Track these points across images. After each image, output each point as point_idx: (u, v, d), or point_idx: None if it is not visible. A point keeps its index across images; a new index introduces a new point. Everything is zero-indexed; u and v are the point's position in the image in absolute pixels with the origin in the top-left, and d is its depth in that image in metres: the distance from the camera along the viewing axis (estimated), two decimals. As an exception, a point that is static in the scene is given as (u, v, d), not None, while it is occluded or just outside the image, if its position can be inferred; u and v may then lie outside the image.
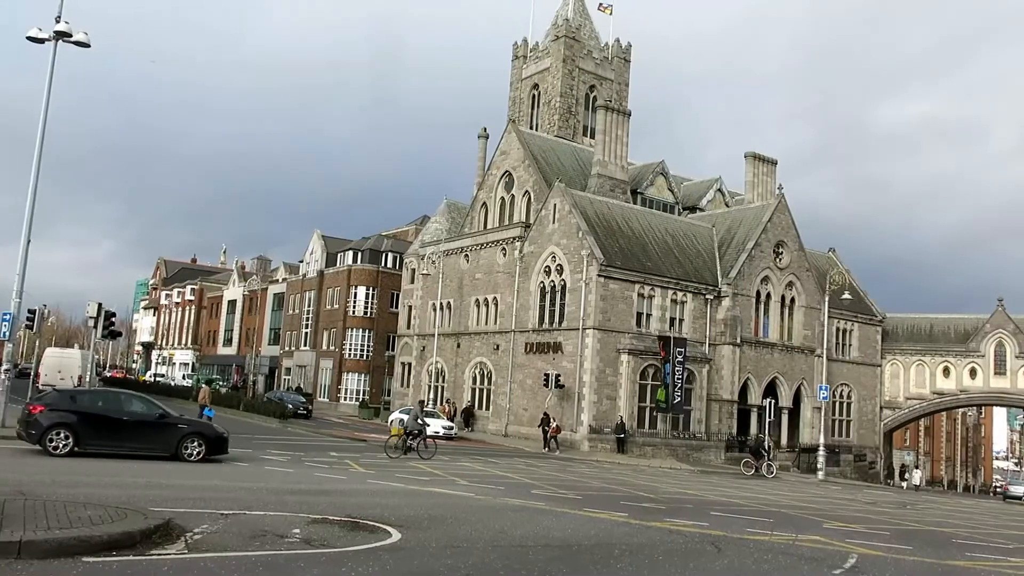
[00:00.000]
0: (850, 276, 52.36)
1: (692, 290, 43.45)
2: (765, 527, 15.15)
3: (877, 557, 12.45)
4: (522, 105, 67.60)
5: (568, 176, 48.23)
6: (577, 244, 41.34)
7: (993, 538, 16.78)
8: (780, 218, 47.11)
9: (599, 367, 39.95)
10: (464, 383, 47.85)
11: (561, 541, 11.94)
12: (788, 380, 46.49)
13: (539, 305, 43.60)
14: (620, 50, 68.46)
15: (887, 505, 24.79)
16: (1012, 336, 51.72)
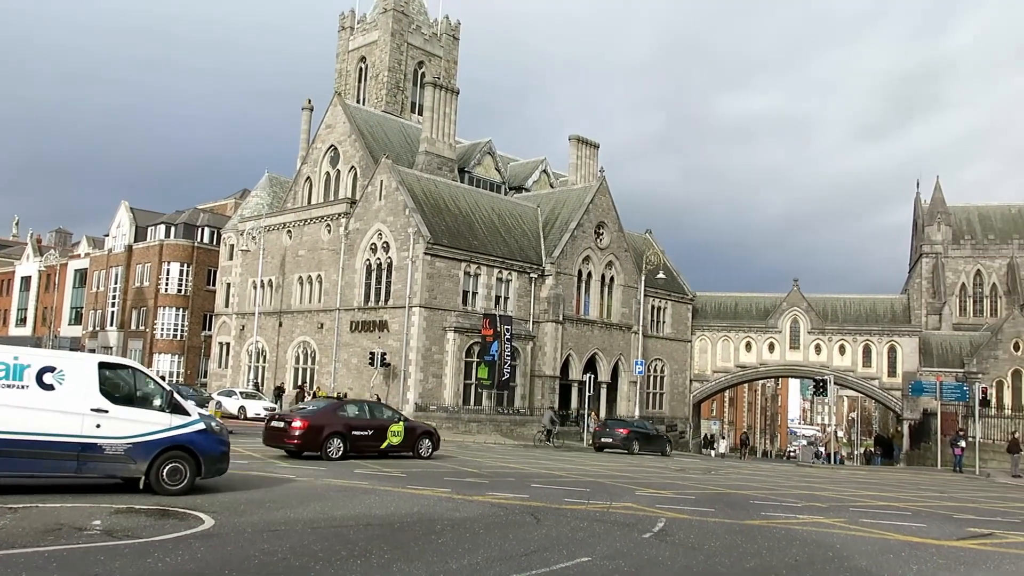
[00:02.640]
0: (664, 257, 55.15)
1: (517, 269, 44.26)
2: (582, 497, 15.74)
3: (683, 520, 13.23)
4: (349, 78, 66.06)
5: (396, 152, 47.66)
6: (404, 222, 41.01)
7: (785, 498, 18.27)
8: (601, 200, 48.80)
9: (425, 345, 39.96)
10: (287, 363, 46.49)
11: (383, 519, 11.87)
12: (607, 356, 48.44)
13: (365, 283, 42.97)
14: (449, 27, 68.26)
15: (694, 472, 26.43)
16: (805, 313, 56.38)
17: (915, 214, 70.17)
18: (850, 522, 14.05)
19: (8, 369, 12.16)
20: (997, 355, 51.04)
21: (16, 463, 12.06)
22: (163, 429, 13.14)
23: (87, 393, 12.61)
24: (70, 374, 12.62)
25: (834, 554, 10.69)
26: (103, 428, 12.60)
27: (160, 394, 13.48)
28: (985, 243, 64.17)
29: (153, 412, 13.20)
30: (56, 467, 12.40)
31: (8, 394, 12.00)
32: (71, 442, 12.34)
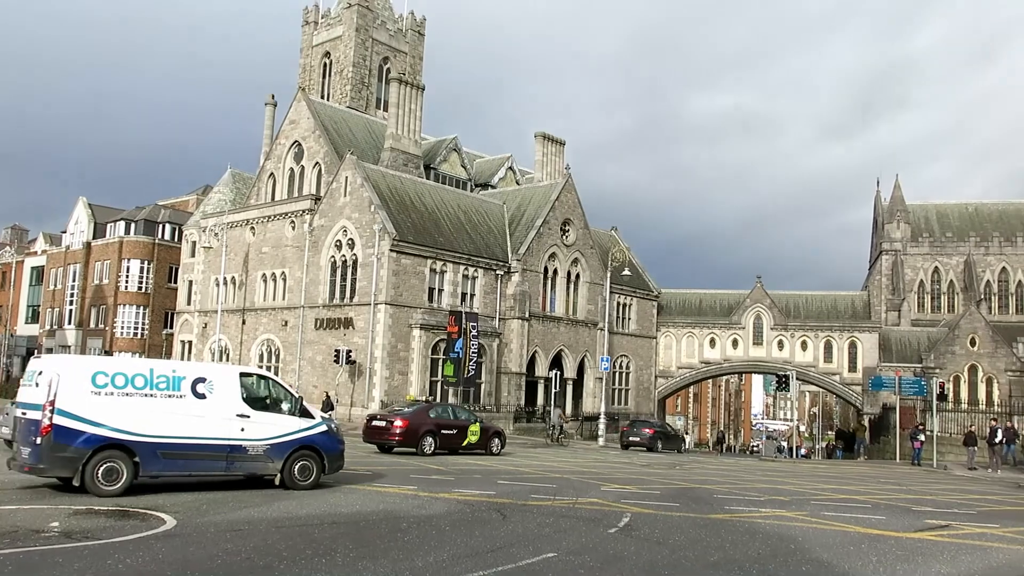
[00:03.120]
0: (630, 254, 55.48)
1: (483, 265, 44.23)
2: (548, 493, 15.78)
3: (648, 515, 13.32)
4: (313, 73, 65.48)
5: (361, 148, 47.36)
6: (369, 218, 40.78)
7: (748, 492, 18.48)
8: (567, 197, 48.94)
9: (391, 342, 39.79)
10: (251, 361, 45.97)
11: (348, 517, 11.80)
12: (573, 352, 48.63)
13: (330, 280, 42.66)
14: (415, 23, 67.95)
15: (659, 467, 26.63)
16: (768, 310, 57.07)
17: (875, 212, 71.35)
18: (812, 515, 14.25)
19: (168, 381, 13.71)
20: (954, 351, 52.08)
21: (179, 464, 13.71)
22: (294, 431, 14.82)
23: (232, 400, 14.25)
24: (217, 384, 14.26)
25: (796, 547, 10.83)
26: (246, 431, 14.24)
27: (290, 400, 15.26)
28: (943, 241, 65.42)
29: (285, 416, 14.90)
30: (210, 467, 14.07)
31: (169, 404, 13.59)
32: (221, 444, 13.99)
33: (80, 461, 12.68)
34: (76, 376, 13.11)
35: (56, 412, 12.64)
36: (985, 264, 64.01)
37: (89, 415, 12.88)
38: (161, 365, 14.20)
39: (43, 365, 13.60)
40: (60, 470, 12.86)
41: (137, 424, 13.21)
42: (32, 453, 12.81)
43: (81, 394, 12.93)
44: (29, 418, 13.11)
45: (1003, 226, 65.41)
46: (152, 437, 13.29)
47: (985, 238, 64.68)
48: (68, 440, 12.67)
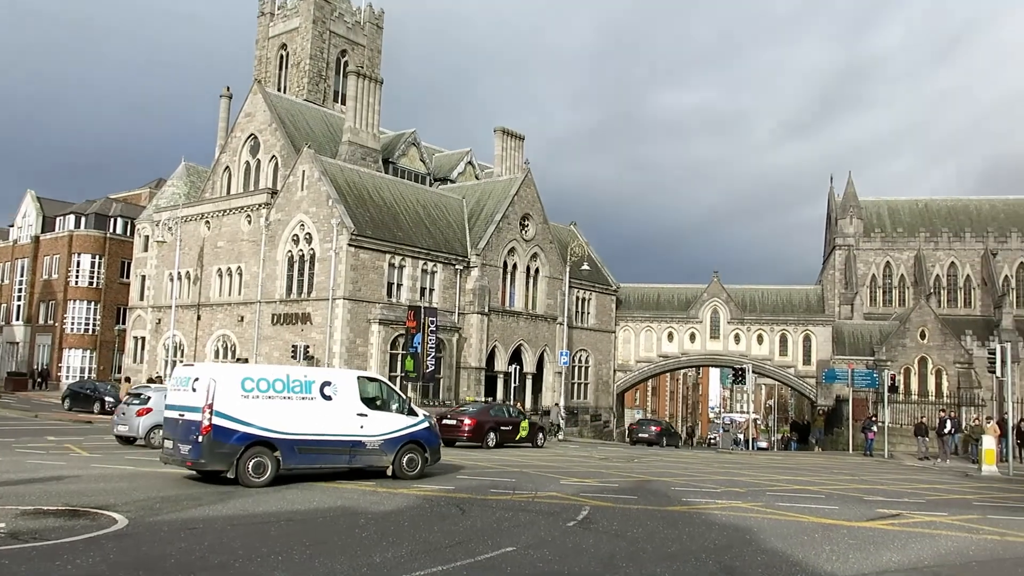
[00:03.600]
0: (589, 249, 55.72)
1: (443, 260, 44.08)
2: (507, 487, 15.79)
3: (607, 508, 13.40)
4: (269, 65, 64.58)
5: (318, 142, 46.83)
6: (327, 212, 40.38)
7: (705, 484, 18.68)
8: (527, 191, 48.95)
9: (350, 338, 39.48)
10: (206, 357, 45.28)
11: (305, 514, 11.69)
12: (532, 347, 48.71)
13: (287, 275, 42.16)
14: (373, 16, 67.37)
15: (617, 460, 26.80)
16: (725, 304, 57.73)
17: (829, 208, 72.57)
18: (767, 506, 14.46)
19: (301, 385, 15.66)
20: (905, 343, 53.23)
21: (312, 457, 15.65)
22: (403, 427, 16.94)
23: (353, 401, 16.28)
24: (340, 386, 16.26)
25: (751, 537, 10.98)
26: (365, 428, 16.27)
27: (399, 399, 17.45)
28: (894, 236, 66.77)
29: (395, 415, 16.99)
30: (336, 460, 16.07)
31: (303, 405, 15.52)
32: (345, 440, 16.04)
33: (235, 456, 14.58)
34: (229, 381, 15.05)
35: (214, 414, 14.53)
36: (935, 259, 65.51)
37: (241, 416, 14.82)
38: (295, 371, 16.34)
39: (198, 372, 15.46)
40: (218, 464, 14.66)
41: (278, 423, 15.15)
42: (193, 450, 14.59)
43: (234, 397, 14.85)
44: (188, 419, 14.86)
45: (952, 222, 66.98)
46: (290, 434, 15.25)
47: (935, 234, 66.16)
48: (224, 438, 14.58)
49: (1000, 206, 67.90)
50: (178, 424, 15.21)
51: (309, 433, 15.50)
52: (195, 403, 14.81)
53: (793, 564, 9.34)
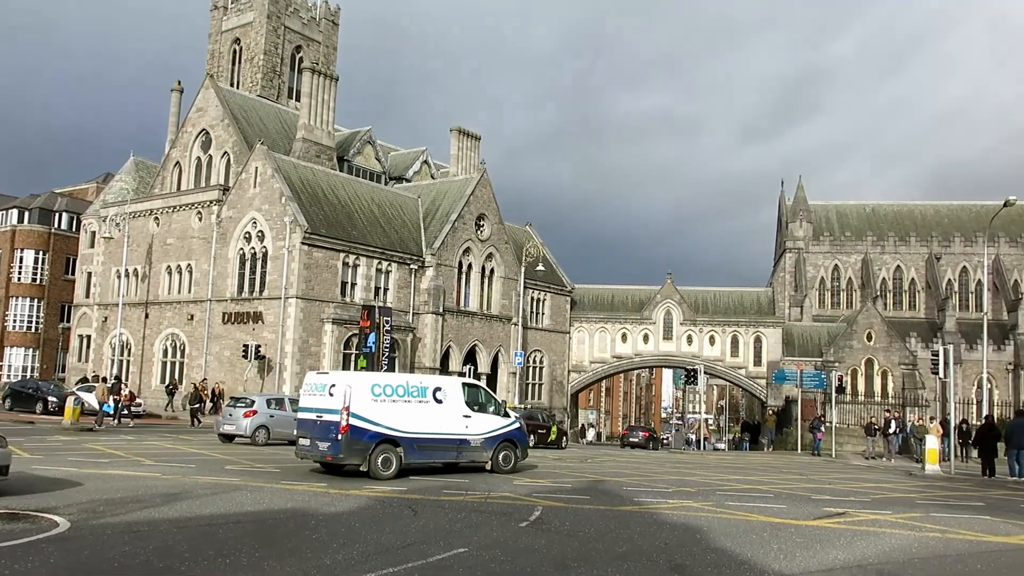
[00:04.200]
0: (544, 249, 55.86)
1: (397, 260, 43.84)
2: (460, 488, 15.75)
3: (559, 508, 13.43)
4: (222, 60, 63.59)
5: (272, 139, 46.24)
6: (280, 210, 39.88)
7: (657, 484, 18.84)
8: (482, 192, 48.92)
9: (302, 337, 39.05)
10: (154, 356, 44.44)
11: (255, 516, 11.51)
12: (487, 347, 48.68)
13: (238, 273, 41.55)
14: (329, 12, 66.74)
15: (571, 460, 26.91)
16: (678, 305, 58.34)
17: (780, 212, 73.79)
18: (717, 505, 14.62)
19: (418, 390, 18.14)
20: (852, 345, 54.34)
21: (428, 453, 18.08)
22: (500, 427, 19.31)
23: (459, 404, 18.69)
24: (448, 391, 18.73)
25: (701, 536, 11.09)
26: (469, 428, 18.64)
27: (495, 403, 20.03)
28: (842, 239, 68.14)
29: (493, 416, 19.34)
30: (446, 455, 18.54)
31: (420, 407, 17.88)
32: (454, 438, 18.41)
33: (368, 452, 16.93)
34: (362, 387, 17.42)
35: (352, 415, 16.84)
36: (881, 262, 67.01)
37: (371, 417, 17.11)
38: (413, 378, 19.39)
39: (334, 379, 17.93)
40: (354, 459, 16.96)
41: (402, 423, 17.47)
42: (332, 446, 16.91)
43: (366, 401, 17.14)
44: (326, 420, 17.09)
45: (898, 226, 68.58)
46: (411, 433, 17.57)
47: (881, 237, 67.67)
48: (359, 436, 16.90)
49: (944, 211, 69.73)
50: (316, 424, 17.33)
51: (425, 432, 17.83)
52: (332, 406, 17.04)
53: (742, 562, 9.45)
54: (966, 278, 65.74)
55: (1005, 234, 64.82)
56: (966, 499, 18.10)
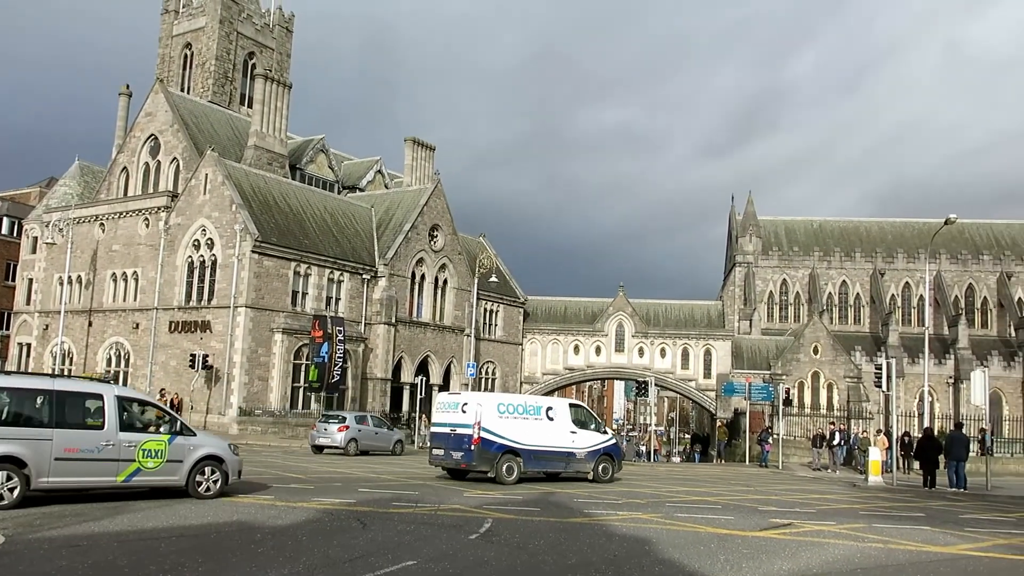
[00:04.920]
0: (498, 260, 55.94)
1: (350, 269, 43.50)
2: (410, 500, 15.63)
3: (509, 520, 13.40)
4: (173, 64, 62.58)
5: (223, 145, 45.64)
6: (230, 218, 39.33)
7: (607, 495, 18.91)
8: (436, 202, 48.84)
9: (251, 347, 38.48)
10: (97, 365, 43.37)
11: (199, 530, 11.27)
12: (439, 358, 48.51)
13: (186, 281, 40.84)
14: (283, 18, 66.16)
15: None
16: (630, 317, 58.79)
17: (730, 227, 74.90)
18: (666, 517, 14.73)
19: (535, 409, 21.71)
20: (799, 358, 55.30)
21: (542, 463, 21.43)
22: (600, 443, 22.70)
23: (567, 421, 22.03)
24: (558, 410, 22.15)
25: (649, 548, 11.15)
26: (575, 442, 21.88)
27: (596, 421, 23.68)
28: (790, 255, 69.40)
29: (593, 432, 22.77)
30: (557, 465, 21.79)
31: (536, 423, 21.33)
32: (563, 451, 21.70)
33: (495, 460, 20.33)
34: (490, 406, 20.92)
35: (482, 429, 20.19)
36: (828, 277, 68.36)
37: (498, 431, 20.51)
38: (530, 398, 23.72)
39: (466, 398, 21.48)
40: (484, 466, 20.38)
41: (522, 437, 20.84)
42: (466, 455, 20.31)
43: (493, 417, 20.58)
44: (459, 433, 20.45)
45: (844, 242, 70.08)
46: (529, 445, 20.92)
47: (828, 253, 69.06)
48: (488, 447, 20.29)
49: (888, 228, 71.45)
50: (450, 437, 20.75)
51: (540, 445, 21.13)
52: (465, 421, 20.40)
53: (689, 573, 9.52)
54: (909, 293, 67.40)
55: (946, 251, 66.65)
56: (907, 510, 18.51)
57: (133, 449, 13.58)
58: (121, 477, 13.51)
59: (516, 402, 21.81)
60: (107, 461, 13.27)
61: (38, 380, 14.30)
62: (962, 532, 14.35)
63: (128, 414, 13.92)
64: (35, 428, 12.76)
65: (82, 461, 13.04)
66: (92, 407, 13.57)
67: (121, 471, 13.45)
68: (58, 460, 12.72)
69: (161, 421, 14.48)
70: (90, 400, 13.63)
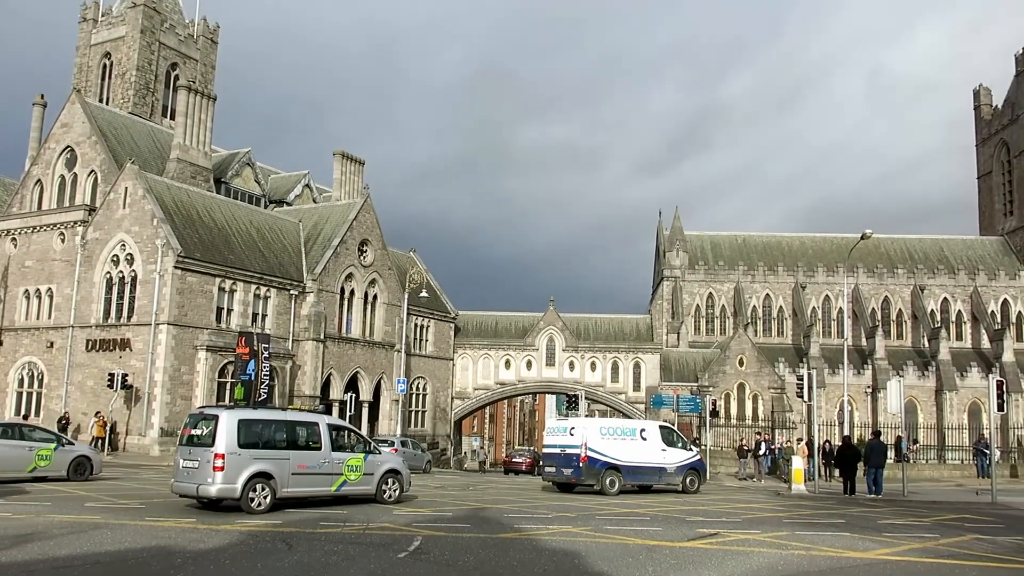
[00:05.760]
0: (428, 275, 55.70)
1: (277, 285, 42.73)
2: (339, 520, 15.34)
3: (439, 537, 13.28)
4: (91, 74, 60.78)
5: (144, 158, 44.42)
6: (152, 232, 38.25)
7: (538, 510, 18.92)
8: (366, 217, 48.40)
9: (174, 365, 37.40)
10: (8, 386, 41.55)
11: (116, 555, 10.85)
12: (369, 374, 47.96)
13: (105, 298, 39.50)
14: (207, 30, 64.95)
15: (453, 488, 26.72)
16: (561, 332, 59.20)
17: (658, 241, 76.17)
18: (595, 530, 14.80)
19: (630, 431, 25.95)
20: (725, 370, 56.46)
21: (640, 477, 25.30)
22: (686, 459, 26.28)
23: (657, 440, 25.90)
24: (650, 431, 26.19)
25: (579, 561, 11.18)
26: (665, 458, 25.64)
27: (683, 440, 26.97)
28: (716, 268, 70.91)
29: (680, 449, 26.36)
30: (651, 479, 25.43)
31: (632, 443, 25.30)
32: (656, 466, 25.43)
33: (599, 475, 24.27)
34: (593, 429, 25.16)
35: (588, 449, 24.21)
36: (752, 291, 70.05)
37: (601, 450, 24.47)
38: (625, 422, 28.42)
39: (572, 423, 26.26)
40: (591, 480, 24.32)
41: (621, 454, 24.69)
42: (575, 472, 24.40)
43: (597, 439, 24.59)
44: (568, 452, 24.66)
45: (767, 257, 71.97)
46: (627, 462, 24.77)
47: (752, 267, 70.80)
48: (593, 464, 24.23)
49: (808, 243, 73.67)
50: (560, 456, 25.08)
51: (636, 461, 24.98)
52: (573, 443, 24.64)
53: (618, 586, 9.56)
54: (829, 306, 69.50)
55: (864, 265, 69.02)
56: (829, 517, 18.99)
57: (341, 465, 17.70)
58: (334, 487, 17.61)
59: (615, 425, 26.09)
60: (325, 475, 17.42)
61: (276, 413, 18.72)
62: (880, 537, 14.79)
63: (336, 437, 17.89)
64: (279, 450, 16.74)
65: (309, 475, 17.09)
66: (312, 433, 17.49)
67: (333, 483, 17.57)
68: (294, 475, 16.76)
69: (357, 442, 18.67)
70: (311, 427, 17.58)
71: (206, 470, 15.78)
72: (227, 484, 15.69)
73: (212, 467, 15.68)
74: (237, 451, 15.94)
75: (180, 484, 16.42)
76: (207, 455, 15.87)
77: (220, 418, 16.20)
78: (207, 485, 15.71)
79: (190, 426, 17.01)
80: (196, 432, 16.66)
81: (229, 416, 16.37)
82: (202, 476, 15.83)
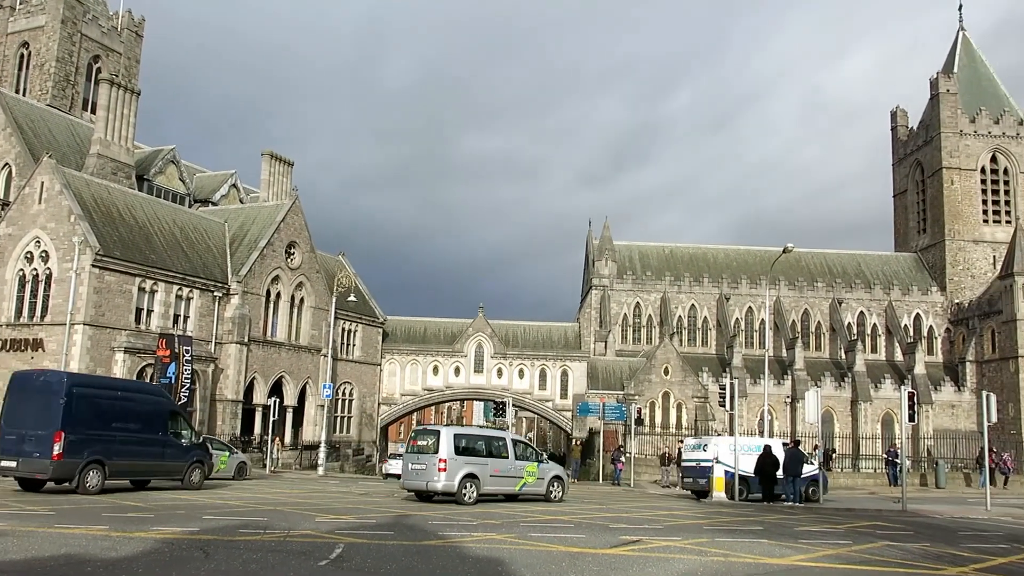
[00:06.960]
0: (357, 280, 55.13)
1: (200, 286, 41.71)
2: (258, 527, 15.03)
3: (362, 544, 13.12)
4: (7, 64, 58.46)
5: (62, 152, 42.91)
6: (68, 229, 36.93)
7: (462, 517, 18.84)
8: (294, 219, 47.67)
9: (90, 367, 36.10)
10: (-91, 387, 39.47)
11: (22, 565, 10.40)
12: (294, 379, 47.18)
13: (17, 296, 37.94)
14: (132, 23, 63.15)
15: (378, 496, 26.43)
16: (489, 339, 59.25)
17: (587, 251, 76.98)
18: (520, 537, 14.83)
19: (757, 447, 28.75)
20: (651, 379, 57.32)
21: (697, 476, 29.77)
22: (810, 472, 28.63)
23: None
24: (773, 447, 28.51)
25: (503, 568, 11.18)
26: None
27: (807, 459, 28.96)
28: (643, 278, 72.02)
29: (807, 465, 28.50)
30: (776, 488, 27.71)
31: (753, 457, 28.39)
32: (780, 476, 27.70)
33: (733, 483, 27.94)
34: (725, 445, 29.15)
35: (716, 462, 28.37)
36: (678, 301, 71.36)
37: (730, 462, 28.13)
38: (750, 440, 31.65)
39: (706, 441, 30.81)
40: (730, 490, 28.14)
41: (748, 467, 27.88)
42: (707, 482, 28.53)
43: (727, 453, 28.38)
44: (702, 466, 29.02)
45: (693, 268, 73.44)
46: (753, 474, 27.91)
47: (678, 277, 72.15)
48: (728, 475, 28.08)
49: (733, 255, 75.45)
50: (696, 469, 29.50)
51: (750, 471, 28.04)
52: (706, 457, 28.92)
53: (541, 593, 9.60)
54: (751, 317, 71.26)
55: (785, 278, 71.00)
56: (747, 524, 19.43)
57: (522, 470, 23.93)
58: (517, 487, 23.81)
59: (741, 441, 29.12)
60: (512, 477, 23.68)
61: (476, 429, 26.79)
62: (796, 544, 15.19)
63: (518, 448, 24.46)
64: (480, 457, 22.96)
65: (502, 477, 23.33)
66: (502, 445, 24.01)
67: (517, 484, 23.82)
68: (491, 476, 22.90)
69: (532, 452, 25.27)
70: (501, 440, 24.34)
71: (432, 471, 21.99)
72: (448, 481, 21.83)
73: (438, 468, 21.86)
74: (454, 457, 21.99)
75: (409, 482, 22.99)
76: (433, 460, 22.00)
77: (441, 432, 22.76)
78: (434, 482, 21.94)
79: (415, 438, 23.74)
80: (421, 443, 23.08)
81: (447, 431, 22.91)
82: (429, 475, 22.10)
